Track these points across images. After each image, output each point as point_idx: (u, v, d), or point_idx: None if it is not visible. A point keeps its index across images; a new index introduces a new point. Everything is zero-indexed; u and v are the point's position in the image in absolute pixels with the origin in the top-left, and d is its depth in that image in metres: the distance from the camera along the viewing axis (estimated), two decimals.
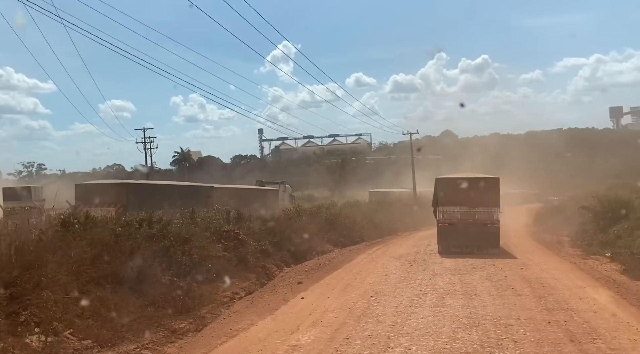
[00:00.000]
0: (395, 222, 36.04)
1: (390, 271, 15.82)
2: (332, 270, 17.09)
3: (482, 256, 18.84)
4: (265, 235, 19.96)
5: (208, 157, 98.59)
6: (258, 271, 16.82)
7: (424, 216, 42.56)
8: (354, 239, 26.57)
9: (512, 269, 15.35)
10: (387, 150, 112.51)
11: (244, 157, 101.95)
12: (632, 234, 20.44)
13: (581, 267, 16.00)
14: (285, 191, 44.17)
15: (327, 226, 25.81)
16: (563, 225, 32.20)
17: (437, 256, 19.15)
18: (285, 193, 43.92)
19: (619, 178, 68.11)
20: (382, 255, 20.65)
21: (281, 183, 45.98)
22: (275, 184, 45.37)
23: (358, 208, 33.22)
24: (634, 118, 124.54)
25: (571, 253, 20.09)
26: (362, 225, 28.92)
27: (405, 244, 24.87)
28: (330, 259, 20.11)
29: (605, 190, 37.76)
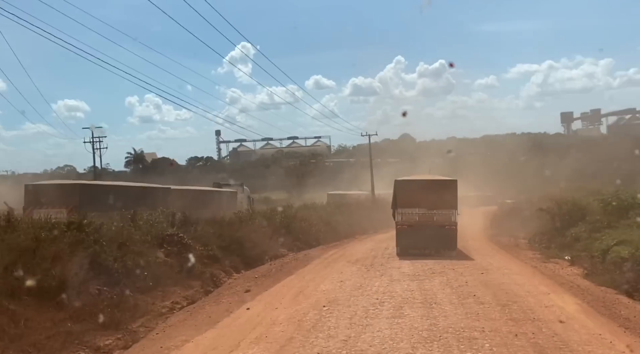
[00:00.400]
0: (353, 225, 35.20)
1: (345, 277, 14.77)
2: (284, 276, 15.95)
3: (441, 259, 18.08)
4: (214, 239, 18.70)
5: (162, 158, 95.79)
6: (204, 278, 15.56)
7: (382, 219, 41.88)
8: (310, 242, 25.50)
9: (472, 274, 14.52)
10: (347, 153, 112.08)
11: (199, 158, 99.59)
12: (590, 237, 20.03)
13: (543, 271, 15.33)
14: (243, 193, 42.95)
15: (281, 229, 24.65)
16: (519, 228, 31.92)
17: (396, 260, 18.25)
18: (244, 195, 42.77)
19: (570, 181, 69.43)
20: (338, 259, 19.63)
21: (239, 185, 44.81)
22: (233, 186, 44.02)
23: (315, 211, 32.19)
24: (584, 124, 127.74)
25: (530, 257, 19.52)
26: (318, 228, 27.89)
27: (363, 247, 23.93)
28: (284, 264, 18.97)
29: (560, 192, 37.96)
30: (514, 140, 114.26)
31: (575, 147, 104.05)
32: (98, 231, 12.77)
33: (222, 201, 33.96)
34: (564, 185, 44.82)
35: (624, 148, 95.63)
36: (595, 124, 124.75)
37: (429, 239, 19.31)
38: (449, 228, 19.54)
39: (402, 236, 20.05)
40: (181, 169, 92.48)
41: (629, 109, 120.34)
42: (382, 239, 29.02)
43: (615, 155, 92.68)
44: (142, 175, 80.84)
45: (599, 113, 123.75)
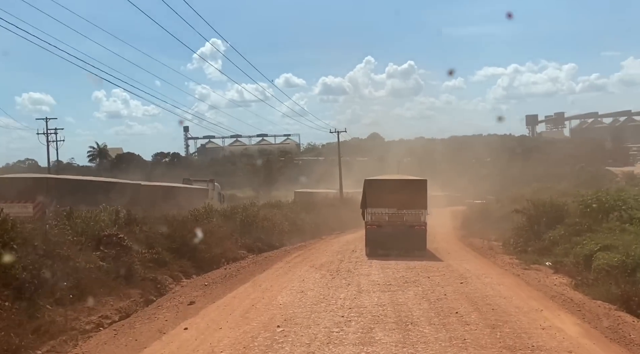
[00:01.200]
0: (320, 224, 33.22)
1: (307, 286, 12.76)
2: (238, 283, 13.84)
3: (412, 261, 16.32)
4: (163, 240, 16.49)
5: (128, 153, 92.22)
6: (146, 286, 13.32)
7: (350, 218, 40.06)
8: (272, 244, 23.39)
9: (450, 283, 12.68)
10: (316, 151, 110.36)
11: (166, 154, 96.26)
12: (570, 241, 18.52)
13: (527, 280, 13.57)
14: (214, 190, 41.72)
15: (242, 229, 22.50)
16: (490, 229, 30.52)
17: (364, 265, 16.33)
18: (214, 191, 41.53)
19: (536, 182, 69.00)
20: (301, 263, 17.61)
21: (210, 181, 43.46)
22: (203, 182, 42.89)
23: (279, 209, 30.07)
24: (548, 127, 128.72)
25: (508, 262, 17.83)
26: (282, 227, 25.80)
27: (329, 249, 21.96)
28: (240, 268, 16.85)
29: (531, 193, 36.72)
30: (480, 141, 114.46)
31: (540, 148, 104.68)
32: (8, 232, 10.43)
33: (192, 197, 32.39)
34: (535, 185, 43.77)
35: (586, 150, 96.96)
36: (559, 127, 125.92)
37: (399, 239, 18.72)
38: (418, 228, 19.03)
39: (371, 236, 19.44)
40: (147, 165, 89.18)
41: (592, 113, 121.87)
42: (349, 240, 27.13)
43: (578, 157, 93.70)
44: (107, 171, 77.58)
45: (562, 117, 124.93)
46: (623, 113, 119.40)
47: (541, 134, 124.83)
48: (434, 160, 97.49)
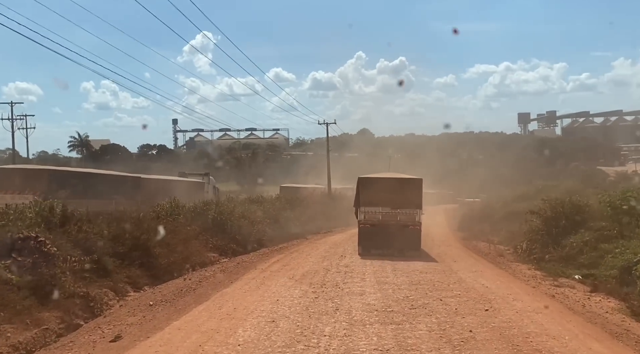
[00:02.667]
0: (306, 222, 29.91)
1: (281, 310, 9.43)
2: (193, 303, 10.47)
3: (418, 279, 13.02)
4: (108, 243, 13.09)
5: (112, 144, 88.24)
6: (71, 306, 9.98)
7: (339, 216, 36.76)
8: (249, 245, 20.04)
9: (472, 310, 9.38)
10: (305, 146, 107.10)
11: (152, 146, 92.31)
12: (597, 248, 15.43)
13: (567, 304, 10.32)
14: (209, 184, 40.06)
15: (214, 228, 19.12)
16: (491, 230, 27.47)
17: (356, 278, 13.01)
18: (210, 185, 39.93)
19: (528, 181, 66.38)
20: (279, 272, 14.26)
21: (205, 174, 41.82)
22: (198, 176, 41.27)
23: (260, 205, 26.66)
24: (539, 125, 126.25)
25: (529, 274, 14.60)
26: (262, 226, 22.42)
27: (314, 253, 18.63)
28: (204, 279, 13.49)
29: (535, 192, 33.58)
30: (471, 138, 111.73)
31: (532, 147, 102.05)
32: None
33: (189, 191, 30.86)
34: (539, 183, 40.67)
35: (578, 149, 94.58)
36: (550, 125, 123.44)
37: (393, 239, 17.81)
38: (413, 228, 18.21)
39: (364, 236, 18.48)
40: (132, 157, 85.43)
41: (583, 112, 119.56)
42: (337, 241, 23.85)
43: (570, 156, 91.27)
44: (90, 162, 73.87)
45: (554, 115, 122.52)
46: (614, 113, 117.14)
47: (533, 132, 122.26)
48: (425, 156, 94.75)
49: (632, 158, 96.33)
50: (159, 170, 53.34)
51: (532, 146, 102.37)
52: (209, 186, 39.63)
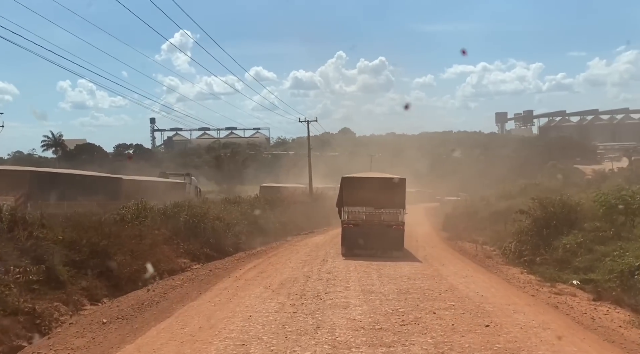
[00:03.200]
0: (287, 223, 28.57)
1: (254, 330, 8.10)
2: (153, 320, 9.08)
3: (406, 286, 11.81)
4: (63, 250, 11.63)
5: (88, 144, 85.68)
6: (13, 324, 8.59)
7: (320, 216, 35.49)
8: (224, 249, 18.67)
9: (470, 327, 8.14)
10: (286, 146, 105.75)
11: (128, 146, 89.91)
12: (592, 250, 14.39)
13: (573, 317, 9.16)
14: (191, 184, 39.07)
15: (186, 232, 17.67)
16: (476, 230, 26.50)
17: (339, 287, 11.72)
18: (191, 185, 38.96)
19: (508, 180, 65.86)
20: (254, 280, 12.92)
21: (186, 174, 41.04)
22: (180, 176, 40.53)
23: (238, 206, 25.22)
24: (517, 124, 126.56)
25: (522, 278, 13.53)
26: (240, 228, 21.02)
27: (294, 258, 17.32)
28: (170, 289, 12.09)
29: (518, 190, 32.71)
30: (450, 137, 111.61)
31: (510, 146, 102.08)
32: None
33: (170, 191, 30.26)
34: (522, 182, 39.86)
35: (555, 148, 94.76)
36: (527, 125, 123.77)
37: (376, 239, 17.53)
38: (396, 228, 17.82)
39: (348, 236, 18.05)
40: (108, 157, 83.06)
41: (560, 111, 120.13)
42: (319, 243, 22.59)
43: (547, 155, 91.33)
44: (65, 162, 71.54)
45: (531, 114, 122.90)
46: (590, 112, 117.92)
47: (510, 131, 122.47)
48: (405, 155, 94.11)
49: (609, 157, 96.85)
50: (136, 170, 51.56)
51: (510, 145, 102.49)
52: (191, 187, 38.79)
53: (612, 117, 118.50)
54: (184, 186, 37.16)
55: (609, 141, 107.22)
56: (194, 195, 35.05)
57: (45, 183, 23.21)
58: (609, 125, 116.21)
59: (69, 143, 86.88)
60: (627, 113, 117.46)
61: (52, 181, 23.97)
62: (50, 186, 22.49)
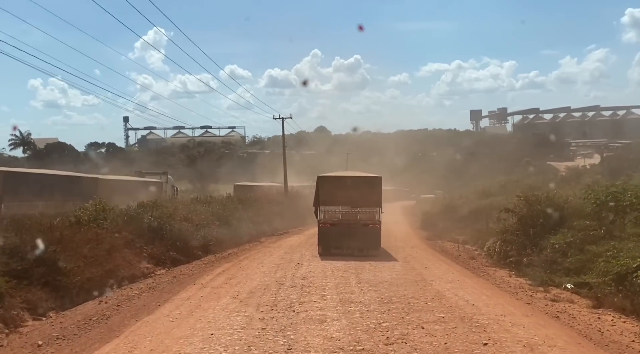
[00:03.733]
0: (261, 223, 27.24)
1: (216, 352, 6.85)
2: (99, 340, 7.70)
3: (389, 294, 10.66)
4: (2, 258, 10.18)
5: (59, 143, 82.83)
6: None
7: (295, 215, 34.25)
8: (192, 252, 17.29)
9: (468, 346, 6.93)
10: (261, 144, 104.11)
11: (100, 144, 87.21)
12: (583, 250, 13.50)
13: (580, 331, 8.05)
14: (167, 183, 38.29)
15: (150, 234, 16.25)
16: (455, 229, 25.65)
17: (315, 295, 10.50)
18: (168, 184, 38.23)
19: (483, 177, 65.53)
20: (221, 287, 11.62)
21: (163, 174, 40.19)
22: (156, 175, 39.50)
23: (209, 206, 23.80)
24: (491, 122, 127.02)
25: (511, 282, 12.53)
26: (210, 230, 19.65)
27: (267, 261, 16.04)
28: (126, 300, 10.70)
29: (498, 187, 32.00)
30: (426, 135, 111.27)
31: (484, 143, 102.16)
32: None
33: (147, 191, 29.43)
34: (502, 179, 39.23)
35: (529, 145, 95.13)
36: (502, 122, 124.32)
37: (353, 238, 17.24)
38: (372, 226, 17.54)
39: (324, 235, 17.78)
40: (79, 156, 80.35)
41: (533, 109, 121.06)
42: (294, 244, 21.36)
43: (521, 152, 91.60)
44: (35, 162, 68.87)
45: (505, 112, 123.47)
46: (563, 109, 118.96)
47: (485, 129, 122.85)
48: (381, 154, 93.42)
49: (581, 154, 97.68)
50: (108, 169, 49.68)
51: (485, 142, 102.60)
52: (167, 186, 38.05)
53: (583, 114, 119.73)
54: (161, 186, 36.47)
55: (581, 138, 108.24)
56: (170, 194, 34.61)
57: (20, 183, 22.50)
58: (580, 123, 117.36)
59: (40, 142, 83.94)
60: (598, 111, 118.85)
61: (27, 182, 23.27)
62: (26, 187, 21.88)
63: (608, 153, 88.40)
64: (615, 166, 64.46)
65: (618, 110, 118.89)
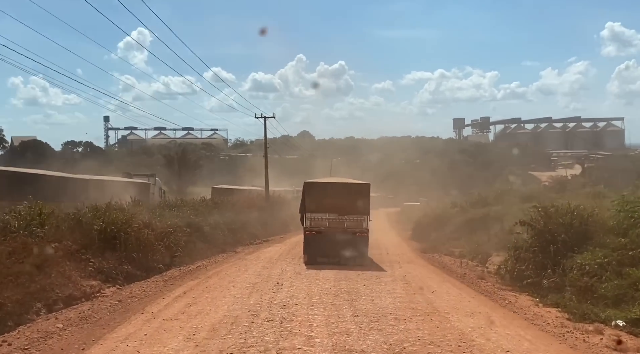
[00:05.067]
0: (238, 230, 24.29)
1: None
2: None
3: (399, 331, 7.92)
4: None
5: (34, 141, 78.71)
6: None
7: (277, 221, 31.30)
8: (152, 265, 14.34)
9: None
10: (244, 148, 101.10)
11: (77, 143, 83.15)
12: (622, 274, 10.97)
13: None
14: (155, 185, 36.66)
15: (101, 244, 13.25)
16: (449, 240, 23.16)
17: (298, 336, 7.64)
18: (156, 186, 36.61)
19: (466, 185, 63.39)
20: (176, 319, 8.69)
21: (151, 175, 38.69)
22: (144, 177, 38.05)
23: (179, 211, 20.75)
24: (473, 131, 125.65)
25: (552, 318, 9.77)
26: (176, 238, 16.66)
27: (240, 280, 13.09)
28: (38, 341, 7.71)
29: (494, 196, 29.45)
30: (409, 143, 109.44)
31: (467, 152, 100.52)
32: None
33: (134, 192, 27.50)
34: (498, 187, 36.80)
35: (511, 154, 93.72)
36: (484, 131, 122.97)
37: (339, 247, 16.28)
38: (360, 235, 16.71)
39: (310, 243, 16.87)
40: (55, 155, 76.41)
41: (515, 119, 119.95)
42: (274, 256, 18.50)
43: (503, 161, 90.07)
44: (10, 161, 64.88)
45: (488, 121, 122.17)
46: (544, 120, 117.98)
47: (467, 138, 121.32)
48: (364, 160, 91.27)
49: (562, 164, 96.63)
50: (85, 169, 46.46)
51: (468, 151, 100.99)
52: (155, 188, 36.55)
53: (564, 125, 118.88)
54: (148, 187, 35.07)
55: (562, 148, 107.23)
56: (158, 196, 33.27)
57: (10, 183, 21.92)
58: (561, 133, 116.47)
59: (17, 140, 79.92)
60: (579, 122, 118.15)
61: (17, 182, 22.54)
62: (16, 187, 21.09)
63: (589, 164, 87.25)
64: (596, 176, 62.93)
65: (598, 121, 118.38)
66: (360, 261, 16.07)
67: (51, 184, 25.56)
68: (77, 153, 79.52)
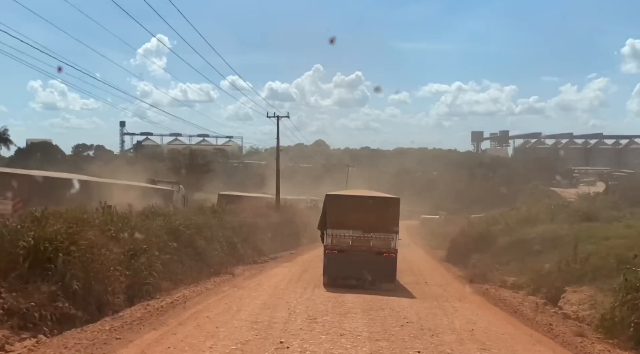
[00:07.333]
0: (240, 245, 19.81)
1: None
2: None
3: None
4: None
5: (43, 142, 75.38)
6: None
7: (287, 233, 26.63)
8: (105, 300, 9.74)
9: None
10: (258, 155, 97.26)
11: (88, 146, 79.61)
12: None
13: None
14: (179, 192, 35.59)
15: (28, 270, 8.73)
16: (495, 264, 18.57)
17: None
18: (179, 194, 35.46)
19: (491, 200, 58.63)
20: None
21: (175, 183, 37.80)
22: (168, 184, 36.95)
23: (167, 219, 16.16)
24: (492, 144, 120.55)
25: None
26: (150, 259, 12.12)
27: (225, 332, 8.44)
28: None
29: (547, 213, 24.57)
30: (426, 155, 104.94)
31: (486, 165, 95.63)
32: None
33: (161, 199, 26.79)
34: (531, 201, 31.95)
35: (531, 169, 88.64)
36: (503, 145, 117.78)
37: (364, 268, 14.29)
38: (387, 255, 14.61)
39: (331, 263, 14.80)
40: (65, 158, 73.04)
41: (535, 133, 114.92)
42: (280, 285, 13.90)
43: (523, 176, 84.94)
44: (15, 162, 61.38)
45: (507, 135, 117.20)
46: (565, 135, 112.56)
47: (486, 151, 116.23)
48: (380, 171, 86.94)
49: (584, 181, 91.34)
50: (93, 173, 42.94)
51: (486, 164, 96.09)
52: (178, 196, 34.97)
53: (586, 141, 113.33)
54: (172, 194, 33.82)
55: (582, 165, 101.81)
56: (180, 204, 31.95)
57: (45, 187, 21.54)
58: (583, 150, 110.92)
59: None
60: (600, 139, 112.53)
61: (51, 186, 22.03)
62: (50, 191, 20.56)
63: (612, 182, 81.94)
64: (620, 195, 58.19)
65: (621, 138, 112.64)
66: (387, 287, 14.17)
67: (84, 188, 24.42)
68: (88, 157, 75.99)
